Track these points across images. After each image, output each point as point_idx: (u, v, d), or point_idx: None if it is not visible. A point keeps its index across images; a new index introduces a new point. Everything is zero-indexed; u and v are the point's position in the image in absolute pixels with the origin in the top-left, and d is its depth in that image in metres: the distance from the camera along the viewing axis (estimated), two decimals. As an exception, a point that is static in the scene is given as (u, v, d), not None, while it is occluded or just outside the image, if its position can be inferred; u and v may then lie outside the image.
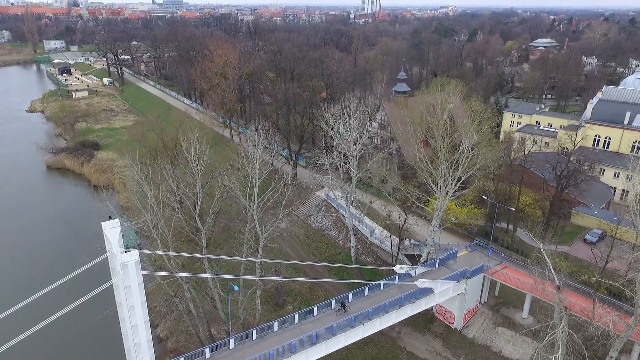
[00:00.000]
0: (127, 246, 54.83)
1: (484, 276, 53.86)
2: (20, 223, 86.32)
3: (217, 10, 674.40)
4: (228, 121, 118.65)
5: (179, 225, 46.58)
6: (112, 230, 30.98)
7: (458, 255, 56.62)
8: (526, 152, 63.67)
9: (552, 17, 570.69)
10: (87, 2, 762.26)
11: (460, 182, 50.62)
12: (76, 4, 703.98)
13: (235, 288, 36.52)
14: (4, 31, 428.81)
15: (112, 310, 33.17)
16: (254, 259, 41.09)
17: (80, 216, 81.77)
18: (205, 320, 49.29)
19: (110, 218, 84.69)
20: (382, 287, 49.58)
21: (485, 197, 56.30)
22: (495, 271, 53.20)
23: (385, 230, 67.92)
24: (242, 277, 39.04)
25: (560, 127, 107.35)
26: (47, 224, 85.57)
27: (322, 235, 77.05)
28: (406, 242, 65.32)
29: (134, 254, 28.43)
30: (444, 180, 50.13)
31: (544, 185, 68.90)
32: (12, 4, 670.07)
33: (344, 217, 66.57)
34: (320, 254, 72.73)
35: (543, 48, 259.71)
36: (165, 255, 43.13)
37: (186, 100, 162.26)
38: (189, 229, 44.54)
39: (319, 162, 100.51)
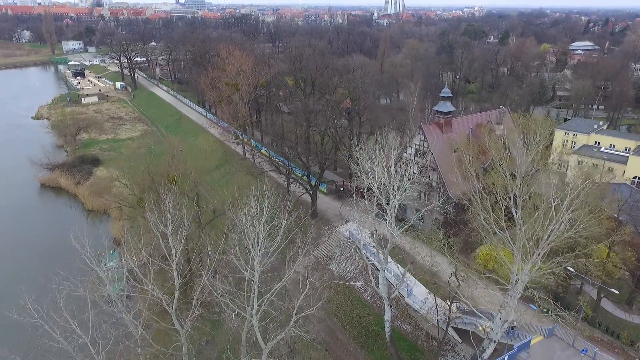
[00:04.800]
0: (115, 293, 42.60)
1: (571, 380, 39.67)
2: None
3: (238, 10, 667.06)
4: (240, 134, 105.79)
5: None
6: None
7: (532, 341, 42.45)
8: (620, 202, 48.75)
9: (583, 17, 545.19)
10: (111, 2, 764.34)
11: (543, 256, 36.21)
12: (99, 4, 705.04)
13: None
14: (25, 31, 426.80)
15: None
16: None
17: (62, 250, 69.58)
18: None
19: (99, 254, 70.75)
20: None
21: (571, 269, 41.72)
22: (588, 375, 38.89)
23: (428, 293, 53.81)
24: None
25: (626, 150, 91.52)
26: (15, 260, 73.78)
27: (346, 286, 63.39)
28: (454, 306, 51.20)
29: None
30: (523, 255, 35.68)
31: (632, 236, 53.85)
32: (39, 3, 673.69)
33: (373, 266, 53.26)
34: (344, 315, 59.09)
35: (582, 52, 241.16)
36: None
37: (199, 109, 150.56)
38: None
39: (341, 189, 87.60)
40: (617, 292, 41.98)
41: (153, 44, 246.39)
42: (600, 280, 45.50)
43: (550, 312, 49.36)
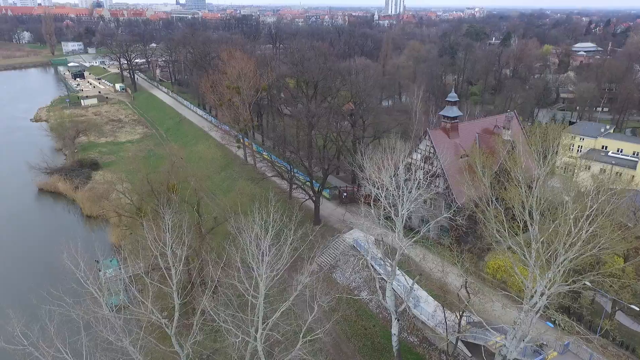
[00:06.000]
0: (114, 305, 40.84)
1: (589, 400, 38.01)
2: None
3: (239, 11, 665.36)
4: (241, 137, 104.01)
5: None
6: None
7: (546, 358, 40.79)
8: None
9: (584, 18, 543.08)
10: (111, 2, 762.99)
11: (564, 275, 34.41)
12: (99, 5, 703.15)
13: None
14: (25, 32, 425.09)
15: None
16: None
17: (57, 262, 67.79)
18: None
19: (97, 262, 68.57)
20: None
21: (587, 283, 39.97)
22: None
23: (437, 305, 52.11)
24: None
25: (634, 154, 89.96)
26: (8, 274, 70.91)
27: (351, 297, 61.62)
28: (463, 320, 49.46)
29: None
30: (540, 270, 33.94)
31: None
32: (39, 4, 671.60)
33: (379, 277, 51.65)
34: (349, 326, 57.38)
35: (584, 53, 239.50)
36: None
37: (199, 112, 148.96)
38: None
39: (345, 195, 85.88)
40: (637, 308, 40.24)
41: (153, 45, 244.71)
42: (615, 293, 43.82)
43: (571, 334, 47.25)
